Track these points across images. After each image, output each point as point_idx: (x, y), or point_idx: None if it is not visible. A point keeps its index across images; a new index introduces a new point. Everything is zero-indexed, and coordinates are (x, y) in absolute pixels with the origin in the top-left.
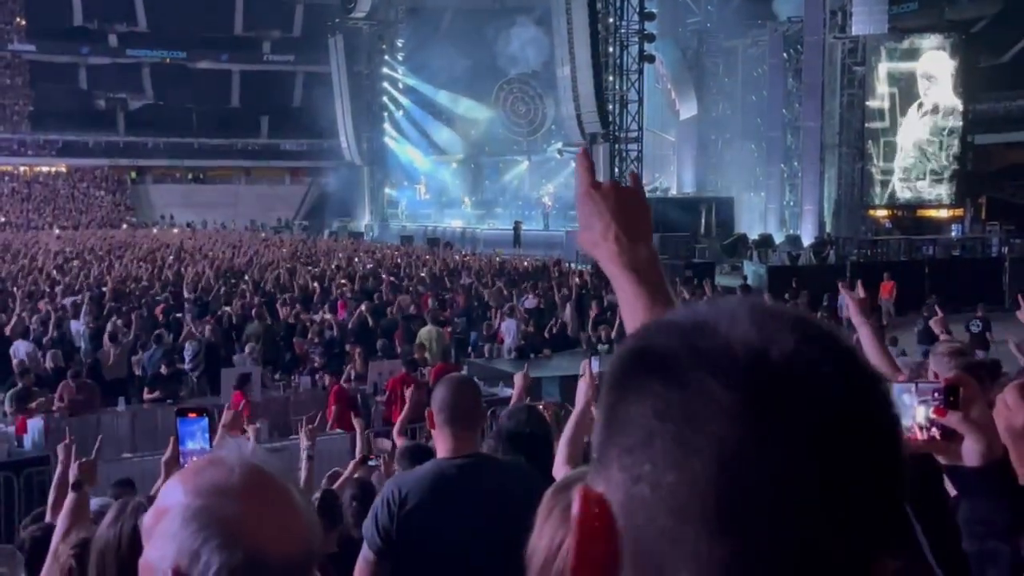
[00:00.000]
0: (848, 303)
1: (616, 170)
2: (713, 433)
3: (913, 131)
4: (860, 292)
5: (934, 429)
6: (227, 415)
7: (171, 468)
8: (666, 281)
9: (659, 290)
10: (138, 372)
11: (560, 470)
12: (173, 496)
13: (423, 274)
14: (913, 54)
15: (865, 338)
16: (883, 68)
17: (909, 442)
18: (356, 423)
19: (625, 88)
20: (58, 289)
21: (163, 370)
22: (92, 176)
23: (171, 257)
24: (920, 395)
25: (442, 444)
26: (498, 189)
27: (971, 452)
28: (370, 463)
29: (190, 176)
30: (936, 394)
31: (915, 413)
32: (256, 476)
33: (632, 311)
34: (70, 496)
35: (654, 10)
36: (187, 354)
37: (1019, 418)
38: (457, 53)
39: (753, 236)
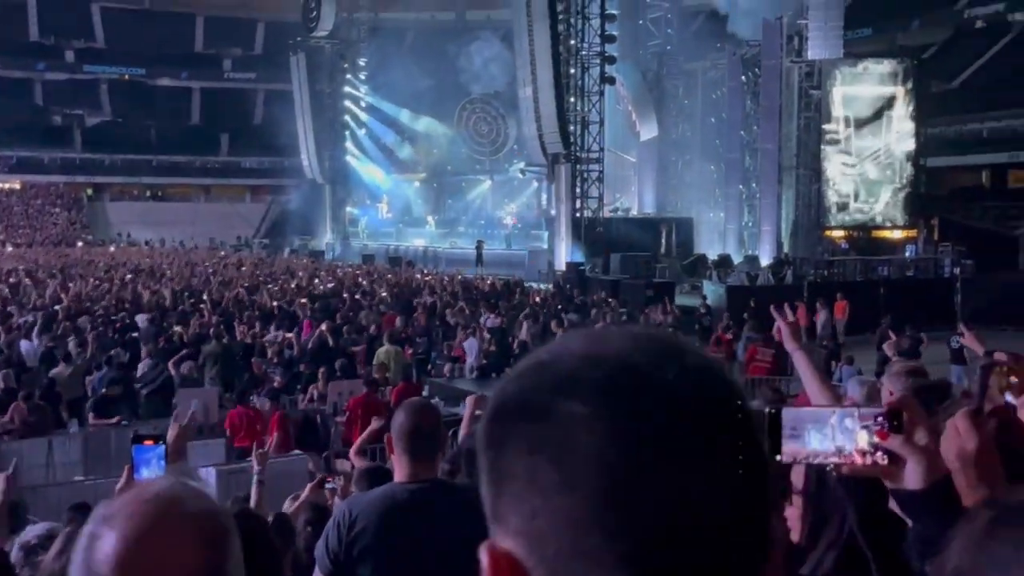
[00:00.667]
0: (779, 327)
1: (578, 189)
2: (581, 446)
3: (867, 153)
4: (790, 315)
5: (879, 454)
6: (171, 431)
7: None
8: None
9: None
10: (91, 393)
11: None
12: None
13: (384, 293)
14: (867, 78)
15: (799, 363)
16: (838, 92)
17: (850, 466)
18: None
19: (586, 109)
20: (10, 308)
21: (106, 391)
22: (47, 193)
23: (128, 276)
24: (862, 420)
25: (399, 469)
26: (460, 208)
27: (914, 474)
28: (328, 485)
29: (148, 194)
30: (878, 418)
31: (857, 438)
32: (150, 506)
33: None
34: None
35: (615, 33)
36: (141, 373)
37: (971, 444)
38: (419, 72)
39: (712, 256)
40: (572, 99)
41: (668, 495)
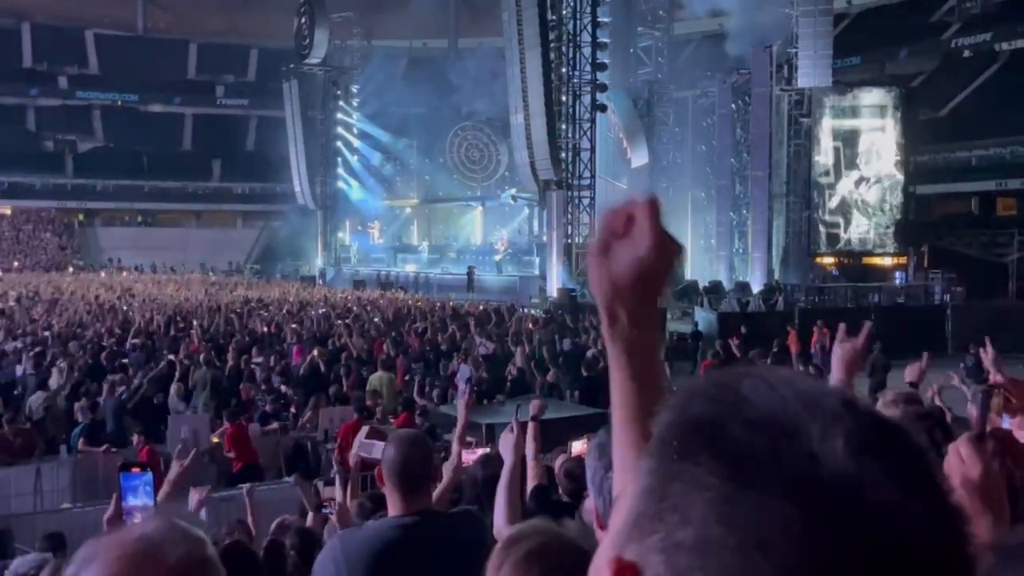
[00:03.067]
0: (836, 355)
1: (569, 215)
2: (781, 564)
3: (857, 181)
4: (858, 340)
5: None
6: (174, 469)
7: (114, 525)
8: (660, 376)
9: (650, 390)
10: (80, 419)
11: (501, 526)
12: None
13: (376, 319)
14: (856, 107)
15: None
16: (828, 120)
17: None
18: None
19: (578, 136)
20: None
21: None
22: (38, 218)
23: (118, 301)
24: None
25: (391, 503)
26: (452, 234)
27: None
28: (324, 510)
29: (140, 219)
30: None
31: None
32: (130, 552)
33: (619, 400)
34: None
35: (606, 61)
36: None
37: (975, 470)
38: (412, 99)
39: (703, 283)
40: (563, 126)
41: None
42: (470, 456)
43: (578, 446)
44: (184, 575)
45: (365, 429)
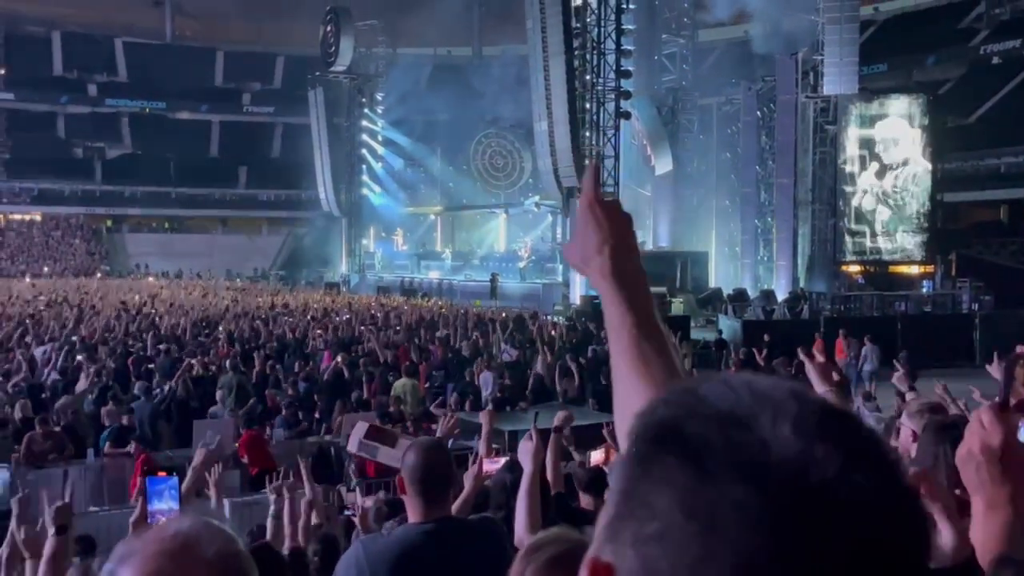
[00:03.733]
0: (809, 370)
1: None
2: (738, 544)
3: (884, 188)
4: (820, 357)
5: None
6: (199, 456)
7: (139, 528)
8: (654, 305)
9: (648, 317)
10: (107, 423)
11: (523, 534)
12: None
13: (399, 327)
14: (883, 114)
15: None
16: (854, 127)
17: None
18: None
19: (602, 144)
20: (29, 339)
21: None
22: (67, 224)
23: (146, 307)
24: None
25: (412, 510)
26: (475, 241)
27: (939, 552)
28: (347, 512)
29: (167, 225)
30: None
31: None
32: (167, 547)
33: (618, 336)
34: (50, 541)
35: (630, 68)
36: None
37: (996, 438)
38: (436, 106)
39: (728, 291)
40: (587, 133)
41: None
42: (492, 465)
43: (597, 455)
44: (221, 569)
45: (363, 425)
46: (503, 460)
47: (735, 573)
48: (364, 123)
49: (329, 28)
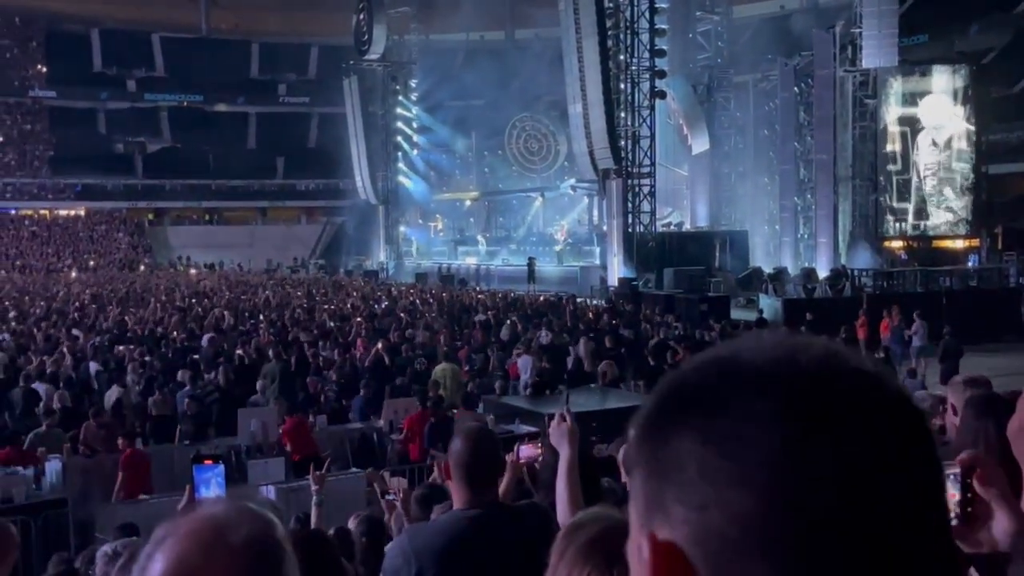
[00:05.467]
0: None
1: (630, 204)
2: (761, 445)
3: (926, 162)
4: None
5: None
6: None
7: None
8: None
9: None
10: (154, 413)
11: (565, 514)
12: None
13: (435, 312)
14: (924, 85)
15: None
16: (894, 100)
17: None
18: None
19: (637, 124)
20: (76, 331)
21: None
22: (111, 218)
23: (191, 298)
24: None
25: (458, 496)
26: (512, 226)
27: (994, 536)
28: (388, 497)
29: (207, 217)
30: (952, 477)
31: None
32: (200, 530)
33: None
34: None
35: (664, 47)
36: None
37: None
38: (470, 91)
39: (768, 269)
40: (622, 114)
41: (844, 500)
42: (528, 451)
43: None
44: (252, 554)
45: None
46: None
47: (774, 476)
48: (399, 110)
49: (362, 16)
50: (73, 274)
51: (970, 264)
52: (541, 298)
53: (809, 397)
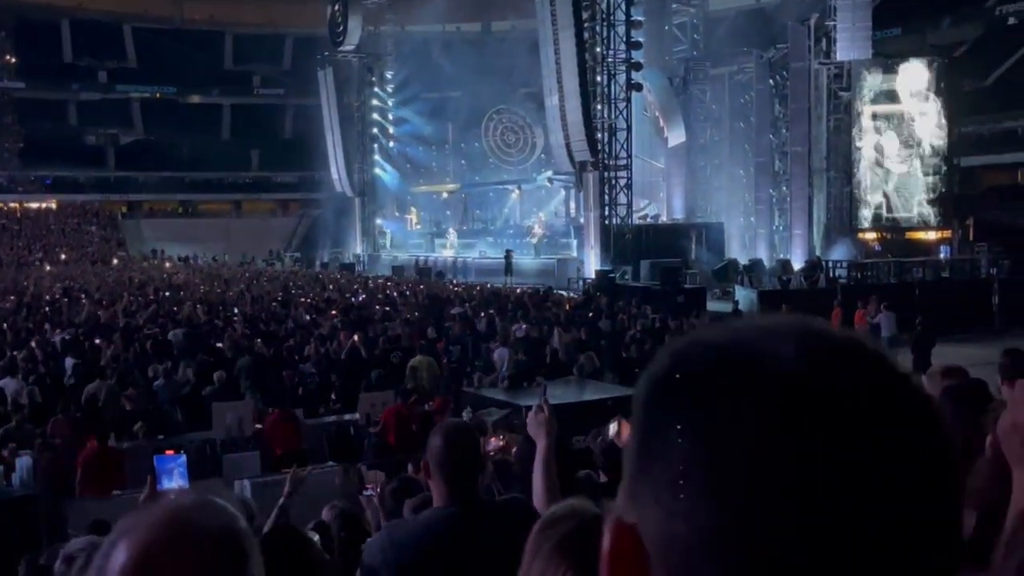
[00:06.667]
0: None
1: (606, 196)
2: (748, 456)
3: (899, 154)
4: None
5: None
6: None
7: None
8: None
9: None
10: (128, 407)
11: (541, 505)
12: None
13: (414, 304)
14: (898, 78)
15: None
16: (868, 93)
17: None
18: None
19: (613, 116)
20: (48, 325)
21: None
22: (83, 211)
23: (164, 292)
24: None
25: (438, 493)
26: (489, 218)
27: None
28: (366, 493)
29: (181, 210)
30: None
31: None
32: (164, 521)
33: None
34: None
35: (640, 39)
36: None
37: None
38: (446, 84)
39: (743, 261)
40: (599, 106)
41: (843, 552)
42: (494, 443)
43: (615, 428)
44: (217, 546)
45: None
46: (502, 440)
47: (756, 493)
48: (375, 102)
49: (337, 7)
50: (47, 268)
51: (942, 255)
52: (518, 290)
53: (815, 423)
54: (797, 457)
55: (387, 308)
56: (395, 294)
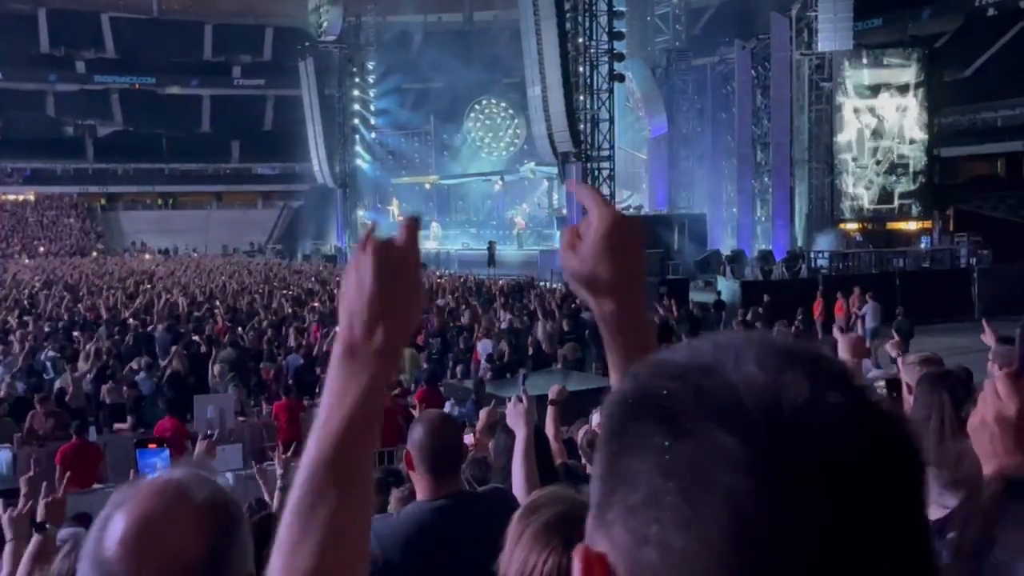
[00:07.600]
0: (840, 343)
1: None
2: (724, 491)
3: (881, 145)
4: (844, 342)
5: None
6: (200, 447)
7: None
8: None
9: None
10: (107, 400)
11: (521, 494)
12: None
13: None
14: (878, 69)
15: None
16: (850, 83)
17: None
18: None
19: (596, 107)
20: (27, 318)
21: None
22: (61, 203)
23: (145, 284)
24: None
25: (420, 486)
26: (471, 209)
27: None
28: None
29: (161, 202)
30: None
31: None
32: (159, 492)
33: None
34: (34, 539)
35: (623, 30)
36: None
37: (1011, 407)
38: (428, 75)
39: (726, 252)
40: (581, 97)
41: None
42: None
43: (598, 418)
44: (214, 511)
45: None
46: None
47: (729, 522)
48: (356, 93)
49: None
50: (25, 260)
51: (923, 246)
52: (500, 282)
53: (791, 451)
54: (769, 483)
55: None
56: None
